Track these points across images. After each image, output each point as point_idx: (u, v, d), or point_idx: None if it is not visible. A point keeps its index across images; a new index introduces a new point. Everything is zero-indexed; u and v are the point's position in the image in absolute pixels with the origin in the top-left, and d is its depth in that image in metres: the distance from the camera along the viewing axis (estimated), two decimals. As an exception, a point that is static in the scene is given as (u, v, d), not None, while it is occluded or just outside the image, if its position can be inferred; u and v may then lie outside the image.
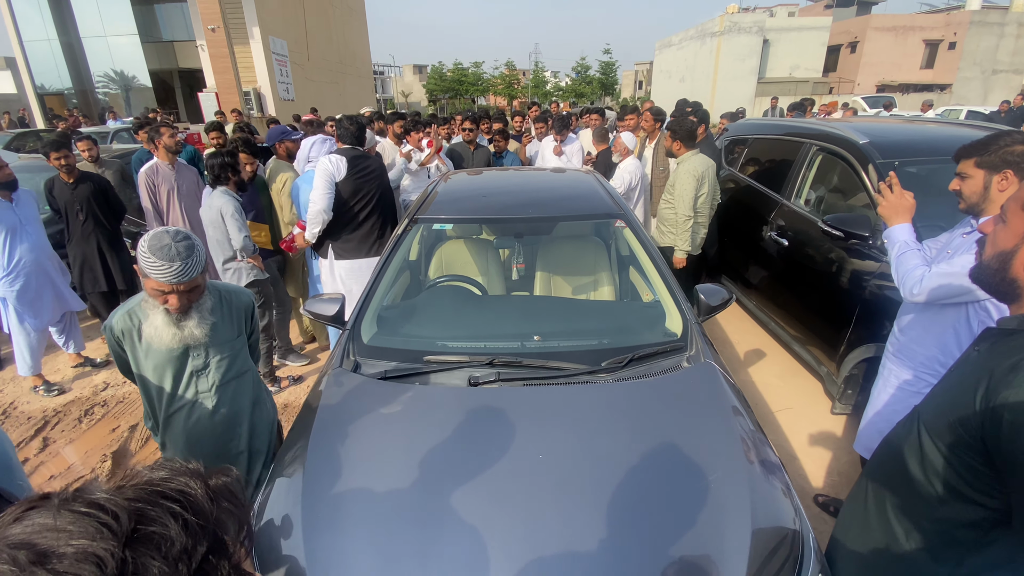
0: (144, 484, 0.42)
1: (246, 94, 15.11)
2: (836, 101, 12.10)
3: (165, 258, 1.43)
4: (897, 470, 1.10)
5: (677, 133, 3.50)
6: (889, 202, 1.91)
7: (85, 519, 0.37)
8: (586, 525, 1.26)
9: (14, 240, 3.18)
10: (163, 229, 1.48)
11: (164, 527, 0.38)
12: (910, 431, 1.08)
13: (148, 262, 1.43)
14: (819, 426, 3.00)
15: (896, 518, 1.09)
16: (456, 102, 48.12)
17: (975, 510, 0.95)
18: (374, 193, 3.34)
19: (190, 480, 0.43)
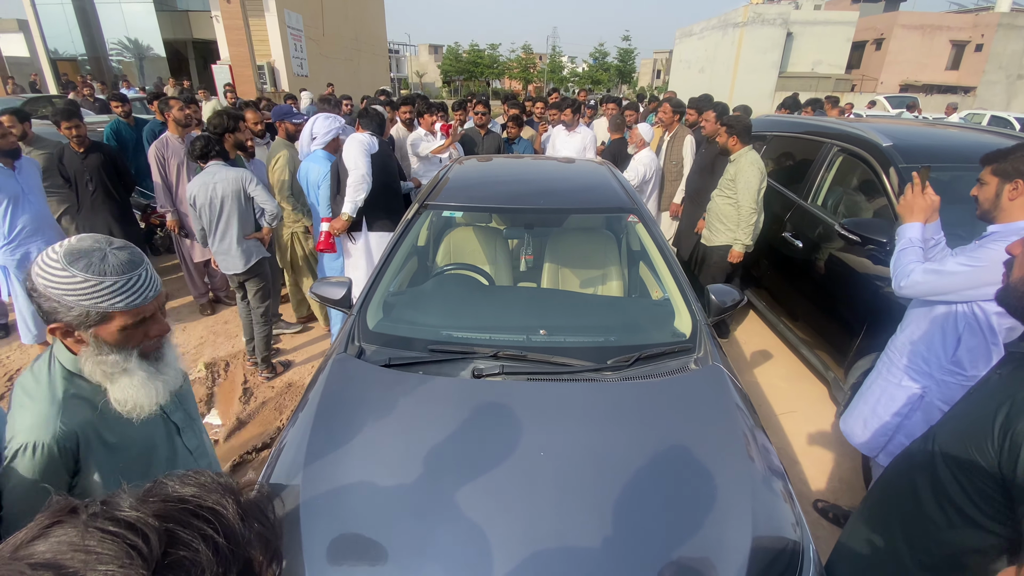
0: (174, 500, 0.39)
1: (260, 68, 15.02)
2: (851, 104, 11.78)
3: (121, 271, 0.95)
4: (907, 490, 1.08)
5: (735, 128, 3.45)
6: (906, 200, 1.94)
7: (114, 540, 0.35)
8: (584, 524, 1.25)
9: (16, 208, 3.16)
10: (75, 240, 0.96)
11: (195, 552, 0.36)
12: (923, 452, 1.06)
13: (103, 290, 0.92)
14: (823, 431, 2.97)
15: (902, 538, 1.07)
16: (471, 84, 47.65)
17: (984, 537, 0.93)
18: (396, 176, 3.57)
19: (222, 498, 0.41)
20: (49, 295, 0.91)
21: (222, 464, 2.67)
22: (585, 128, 5.04)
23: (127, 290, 0.95)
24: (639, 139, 4.36)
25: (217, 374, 3.50)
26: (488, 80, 48.52)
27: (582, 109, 5.20)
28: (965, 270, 1.66)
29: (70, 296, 0.91)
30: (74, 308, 0.92)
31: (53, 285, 0.91)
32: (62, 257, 0.91)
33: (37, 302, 0.94)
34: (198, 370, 3.50)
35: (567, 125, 4.89)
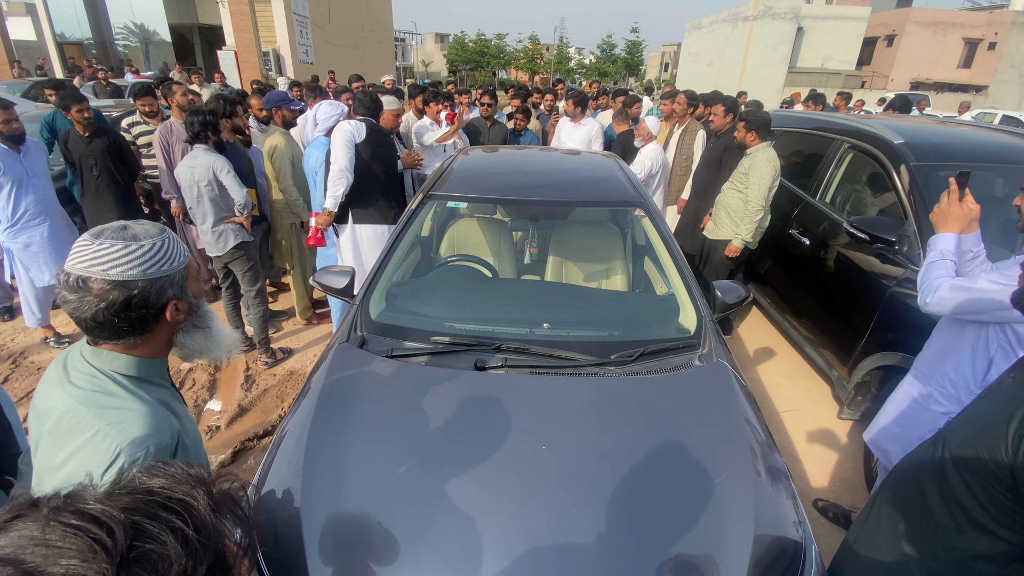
0: (142, 492, 0.38)
1: (265, 54, 14.93)
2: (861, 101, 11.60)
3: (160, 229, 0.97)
4: (915, 494, 1.06)
5: (753, 124, 3.39)
6: (940, 208, 1.77)
7: (76, 534, 0.34)
8: (584, 519, 1.24)
9: (20, 192, 3.16)
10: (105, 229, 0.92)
11: (163, 544, 0.35)
12: (933, 455, 1.04)
13: (171, 245, 0.95)
14: (825, 430, 2.96)
15: (908, 542, 1.06)
16: (477, 74, 47.35)
17: (994, 543, 0.92)
18: (390, 163, 3.37)
19: (192, 489, 0.40)
20: (151, 275, 0.90)
21: (223, 451, 2.68)
22: (591, 119, 4.99)
23: (179, 243, 0.99)
24: (646, 132, 4.32)
25: (220, 361, 3.50)
26: (494, 70, 48.19)
27: (587, 101, 5.13)
28: (998, 288, 1.48)
29: (165, 263, 0.92)
30: (175, 273, 0.94)
31: (152, 262, 0.90)
32: (126, 239, 0.89)
33: (142, 300, 0.88)
34: (200, 357, 3.51)
35: (572, 117, 4.84)
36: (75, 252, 0.87)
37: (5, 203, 3.14)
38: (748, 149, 3.44)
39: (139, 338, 0.94)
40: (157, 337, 0.97)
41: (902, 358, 2.37)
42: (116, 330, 0.91)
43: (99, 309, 0.87)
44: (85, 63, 14.42)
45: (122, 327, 0.90)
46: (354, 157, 3.11)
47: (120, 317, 0.89)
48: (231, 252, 3.15)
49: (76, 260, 0.87)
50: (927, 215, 2.54)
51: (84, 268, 0.86)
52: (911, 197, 2.64)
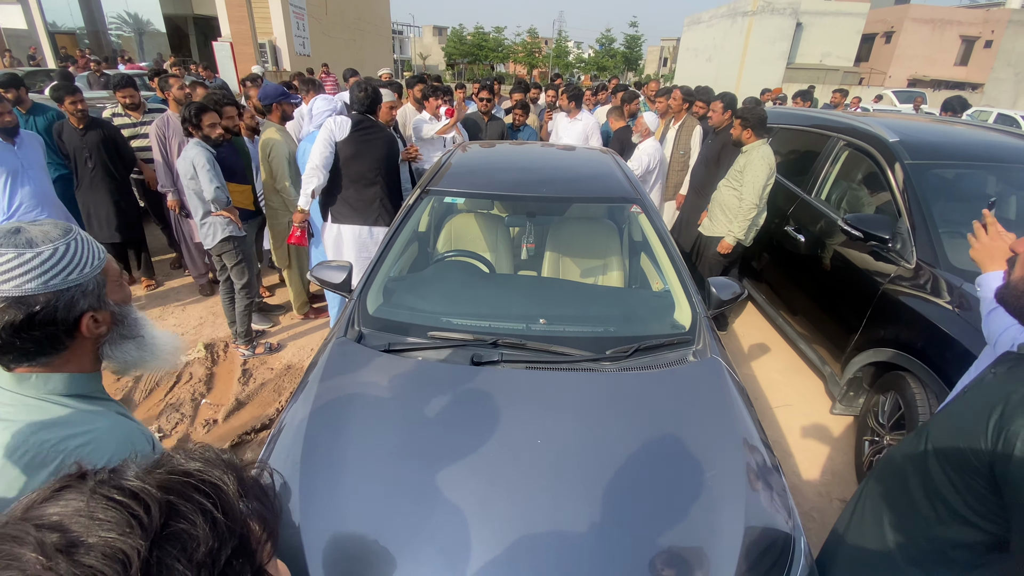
0: (179, 473, 0.41)
1: (261, 46, 14.80)
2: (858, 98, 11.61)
3: (66, 229, 0.86)
4: (898, 485, 1.09)
5: (749, 121, 3.37)
6: (983, 244, 1.58)
7: (117, 509, 0.36)
8: (578, 511, 1.26)
9: (15, 184, 3.13)
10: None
11: (193, 524, 0.38)
12: (917, 448, 1.07)
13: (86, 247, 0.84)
14: (817, 425, 2.99)
15: (892, 532, 1.08)
16: (475, 67, 47.12)
17: (974, 533, 0.94)
18: (378, 162, 3.23)
19: (224, 474, 0.42)
20: (55, 287, 0.77)
21: (221, 445, 2.69)
22: (587, 114, 4.99)
23: (92, 244, 0.85)
24: (644, 128, 4.32)
25: (217, 355, 3.51)
26: (492, 64, 47.97)
27: (582, 95, 5.11)
28: None
29: (73, 271, 0.79)
30: (87, 281, 0.81)
31: (54, 272, 0.77)
32: (19, 246, 0.76)
33: (47, 316, 0.77)
34: (197, 350, 3.51)
35: (567, 112, 4.83)
36: None
37: (0, 196, 3.12)
38: (744, 146, 3.45)
39: (54, 357, 0.82)
40: (77, 354, 0.85)
41: (894, 354, 2.40)
42: (22, 352, 0.79)
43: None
44: (78, 53, 14.28)
45: (28, 348, 0.78)
46: (331, 156, 3.09)
47: (23, 338, 0.77)
48: (220, 245, 3.15)
49: None
50: (920, 213, 2.57)
51: None
52: (905, 195, 2.66)
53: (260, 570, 0.42)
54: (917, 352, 2.27)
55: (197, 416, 2.93)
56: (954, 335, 2.12)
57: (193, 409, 2.98)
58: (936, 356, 2.17)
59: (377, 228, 3.27)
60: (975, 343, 2.02)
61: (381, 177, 3.26)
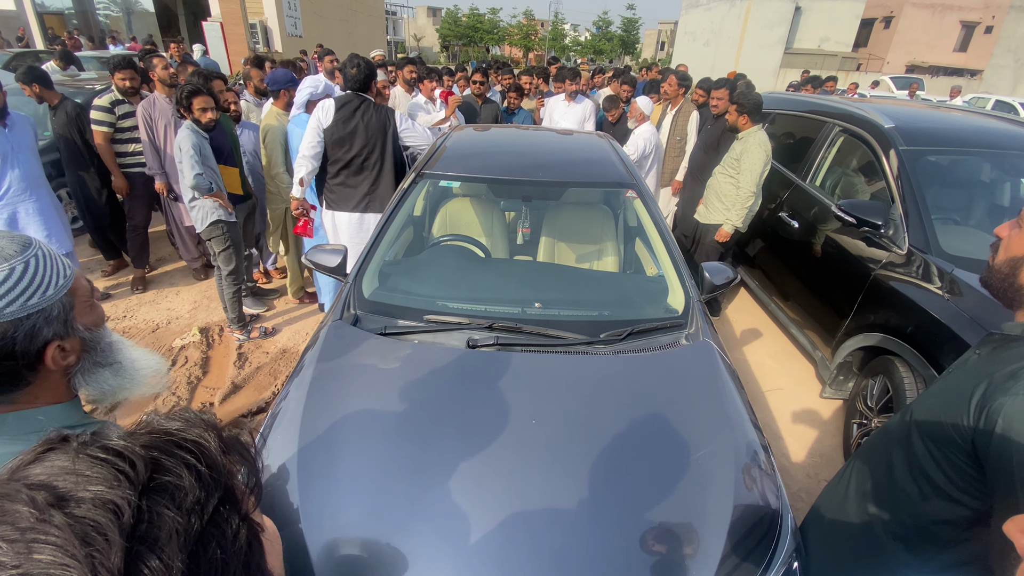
0: (160, 432, 0.42)
1: (252, 27, 14.53)
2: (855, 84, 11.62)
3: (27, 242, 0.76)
4: (883, 463, 1.12)
5: (744, 107, 3.33)
6: None
7: (103, 465, 0.37)
8: (571, 490, 1.29)
9: (4, 166, 3.07)
10: None
11: (179, 477, 0.39)
12: (900, 426, 1.09)
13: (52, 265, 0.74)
14: (807, 409, 3.04)
15: (875, 508, 1.11)
16: (470, 50, 46.48)
17: (956, 508, 0.97)
18: (367, 145, 3.09)
19: (204, 432, 0.43)
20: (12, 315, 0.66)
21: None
22: (585, 98, 4.95)
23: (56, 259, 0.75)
24: (639, 113, 4.31)
25: (212, 339, 3.51)
26: (488, 46, 47.33)
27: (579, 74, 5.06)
28: None
29: (32, 295, 0.68)
30: (50, 305, 0.70)
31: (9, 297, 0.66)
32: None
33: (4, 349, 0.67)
34: (192, 334, 3.51)
35: (571, 94, 4.80)
36: None
37: None
38: (740, 133, 3.43)
39: (17, 394, 0.71)
40: (45, 388, 0.74)
41: (883, 339, 2.43)
42: None
43: None
44: (66, 34, 13.97)
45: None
46: (318, 143, 3.04)
47: None
48: (208, 229, 3.14)
49: None
50: (914, 199, 2.58)
51: None
52: (899, 181, 2.67)
53: (246, 517, 0.43)
54: (906, 337, 2.30)
55: (193, 399, 2.94)
56: (944, 320, 2.15)
57: (189, 392, 2.99)
58: (925, 341, 2.20)
59: (368, 215, 3.22)
60: (964, 329, 2.06)
61: (371, 161, 3.15)
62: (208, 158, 3.04)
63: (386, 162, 3.19)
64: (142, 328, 3.60)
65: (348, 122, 3.05)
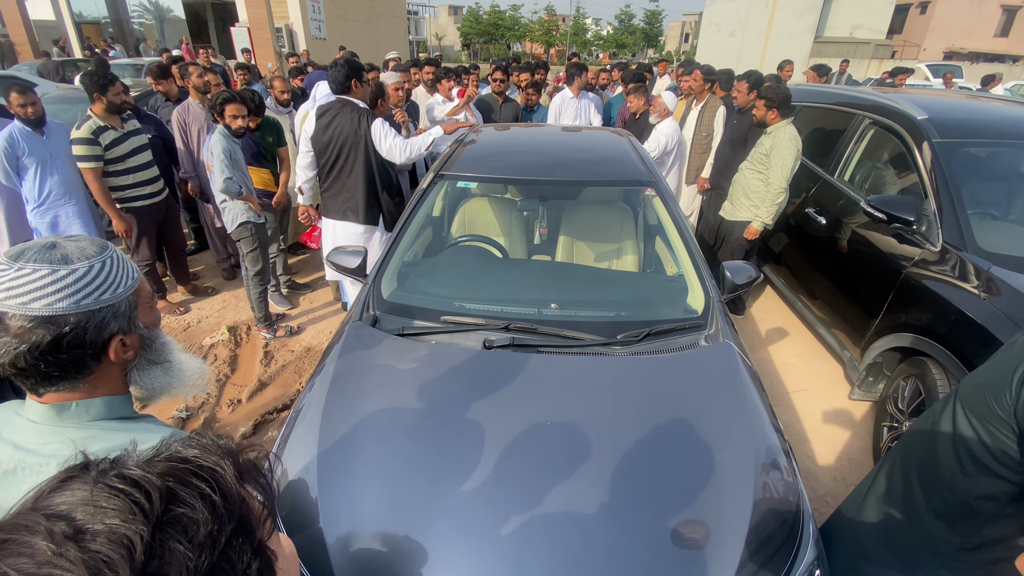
0: (178, 460, 0.43)
1: (278, 30, 14.81)
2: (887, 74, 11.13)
3: (102, 246, 0.83)
4: (927, 443, 1.14)
5: (773, 100, 3.24)
6: None
7: (119, 496, 0.38)
8: (588, 493, 1.29)
9: (44, 172, 3.24)
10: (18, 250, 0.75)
11: (192, 509, 0.39)
12: (946, 406, 1.12)
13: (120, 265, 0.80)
14: (835, 410, 2.96)
15: (920, 488, 1.14)
16: (491, 47, 46.48)
17: (997, 483, 1.00)
18: (339, 154, 2.99)
19: (221, 460, 0.44)
20: (87, 307, 0.73)
21: (245, 423, 2.79)
22: (589, 94, 4.90)
23: (127, 263, 0.81)
24: (662, 108, 4.24)
25: (240, 338, 3.61)
26: (509, 43, 47.26)
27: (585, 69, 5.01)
28: None
29: (106, 291, 0.75)
30: (120, 302, 0.77)
31: (87, 291, 0.73)
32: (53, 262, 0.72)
33: (76, 338, 0.72)
34: (221, 333, 3.62)
35: (577, 90, 4.76)
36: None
37: (32, 184, 3.23)
38: (768, 128, 3.34)
39: (79, 382, 0.77)
40: (105, 379, 0.79)
41: (915, 339, 2.35)
42: (44, 376, 0.74)
43: (19, 353, 0.70)
44: (102, 42, 14.50)
45: (51, 372, 0.73)
46: (307, 152, 3.06)
47: (47, 361, 0.71)
48: (238, 229, 3.23)
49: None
50: (948, 194, 2.49)
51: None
52: (932, 175, 2.57)
53: (261, 545, 0.44)
54: (940, 337, 2.21)
55: (222, 396, 3.03)
56: (980, 320, 2.06)
57: (218, 389, 3.08)
58: (960, 342, 2.12)
59: (349, 224, 3.15)
60: (1001, 329, 1.97)
61: (345, 170, 3.04)
62: (238, 162, 3.13)
63: (355, 170, 3.03)
64: (174, 327, 3.72)
65: (326, 130, 2.99)
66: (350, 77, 2.94)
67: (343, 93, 2.99)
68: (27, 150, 3.16)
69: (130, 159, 3.38)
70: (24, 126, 3.16)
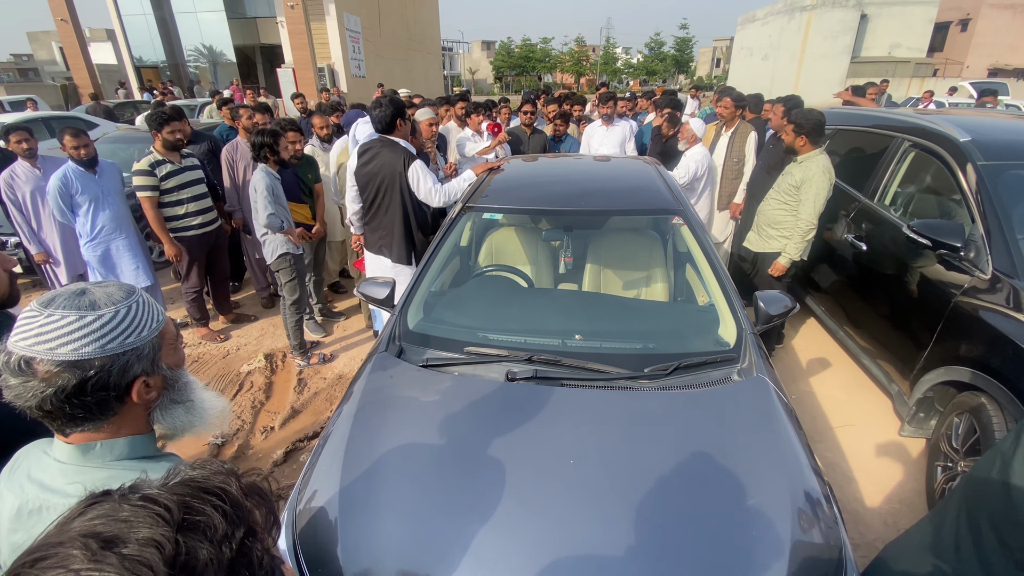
0: (188, 481, 0.48)
1: (320, 70, 15.65)
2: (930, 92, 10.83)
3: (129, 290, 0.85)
4: (1002, 491, 1.03)
5: (803, 127, 3.06)
6: None
7: (143, 510, 0.43)
8: (612, 535, 1.24)
9: (96, 209, 3.47)
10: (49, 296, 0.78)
11: (208, 516, 0.45)
12: (1017, 448, 1.01)
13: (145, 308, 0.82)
14: (884, 448, 2.79)
15: (992, 536, 1.02)
16: (522, 79, 47.61)
17: None
18: (377, 193, 3.05)
19: (226, 477, 0.50)
20: (111, 351, 0.75)
21: (277, 450, 2.84)
22: (624, 120, 4.92)
23: (152, 306, 0.83)
24: (690, 134, 4.22)
25: (276, 365, 3.71)
26: (539, 74, 48.32)
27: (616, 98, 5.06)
28: None
29: (131, 335, 0.77)
30: (143, 344, 0.79)
31: (112, 335, 0.75)
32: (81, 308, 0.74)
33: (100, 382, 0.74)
34: (258, 360, 3.73)
35: (607, 118, 4.80)
36: (20, 326, 0.73)
37: (84, 220, 3.46)
38: (798, 156, 3.20)
39: (103, 423, 0.79)
40: (129, 419, 0.82)
41: (968, 373, 2.20)
42: (70, 418, 0.76)
43: (46, 396, 0.72)
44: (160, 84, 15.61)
45: (76, 414, 0.76)
46: (352, 186, 3.15)
47: (72, 403, 0.74)
48: (277, 261, 3.37)
49: (20, 336, 0.72)
50: (996, 218, 2.36)
51: (28, 347, 0.71)
52: (978, 198, 2.45)
53: (268, 551, 0.49)
54: (993, 371, 2.07)
55: (256, 423, 3.11)
56: (1038, 353, 1.92)
57: (253, 416, 3.16)
58: (1015, 376, 1.97)
59: (381, 257, 3.22)
60: (1063, 362, 1.83)
61: (382, 209, 3.08)
62: (280, 197, 3.30)
63: (392, 209, 3.05)
64: (215, 354, 3.86)
65: (365, 167, 3.04)
66: (396, 117, 2.96)
67: (387, 132, 3.01)
68: (80, 189, 3.39)
69: (183, 191, 3.59)
70: (77, 166, 3.40)
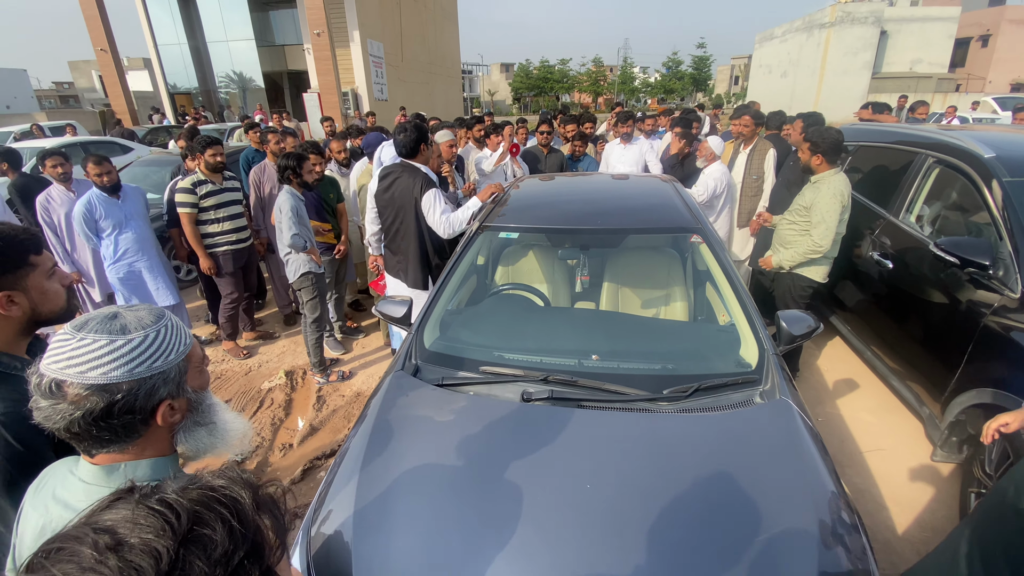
0: (207, 488, 0.51)
1: (344, 94, 16.11)
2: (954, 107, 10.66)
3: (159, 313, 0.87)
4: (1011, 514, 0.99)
5: (819, 146, 2.97)
6: None
7: (155, 515, 0.46)
8: (628, 563, 1.21)
9: (120, 233, 3.61)
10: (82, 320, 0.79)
11: (213, 531, 0.47)
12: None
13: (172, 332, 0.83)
14: (915, 472, 2.68)
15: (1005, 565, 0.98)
16: (540, 100, 48.22)
17: None
18: (395, 218, 3.07)
19: (242, 490, 0.52)
20: (139, 375, 0.76)
21: (295, 468, 2.86)
22: (641, 139, 4.94)
23: (180, 330, 0.85)
24: (708, 152, 4.21)
25: (296, 382, 3.76)
26: (558, 95, 48.90)
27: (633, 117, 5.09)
28: None
29: (159, 359, 0.78)
30: (170, 368, 0.80)
31: (141, 359, 0.77)
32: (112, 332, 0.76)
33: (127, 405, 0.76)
34: (279, 377, 3.78)
35: (626, 137, 4.82)
36: (53, 349, 0.74)
37: (108, 243, 3.60)
38: (813, 176, 3.12)
39: (129, 444, 0.81)
40: (153, 440, 0.83)
41: (1000, 395, 2.12)
42: (97, 440, 0.78)
43: (74, 419, 0.74)
44: (192, 111, 16.25)
45: (103, 436, 0.77)
46: (371, 207, 3.25)
47: (99, 426, 0.75)
48: (299, 280, 3.44)
49: (52, 359, 0.74)
50: (1023, 235, 2.29)
51: (59, 370, 0.73)
52: (1005, 215, 2.39)
53: (269, 571, 0.50)
54: (1029, 394, 1.99)
55: (275, 440, 3.14)
56: (1077, 375, 1.85)
57: (272, 433, 3.19)
58: (1054, 400, 1.89)
59: (396, 280, 3.25)
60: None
61: (399, 234, 3.09)
62: (303, 218, 3.40)
63: (408, 234, 3.05)
64: (237, 371, 3.93)
65: (384, 193, 3.07)
66: (419, 142, 2.97)
67: (410, 157, 3.02)
68: (104, 214, 3.53)
69: (220, 210, 3.79)
70: (101, 192, 3.53)
